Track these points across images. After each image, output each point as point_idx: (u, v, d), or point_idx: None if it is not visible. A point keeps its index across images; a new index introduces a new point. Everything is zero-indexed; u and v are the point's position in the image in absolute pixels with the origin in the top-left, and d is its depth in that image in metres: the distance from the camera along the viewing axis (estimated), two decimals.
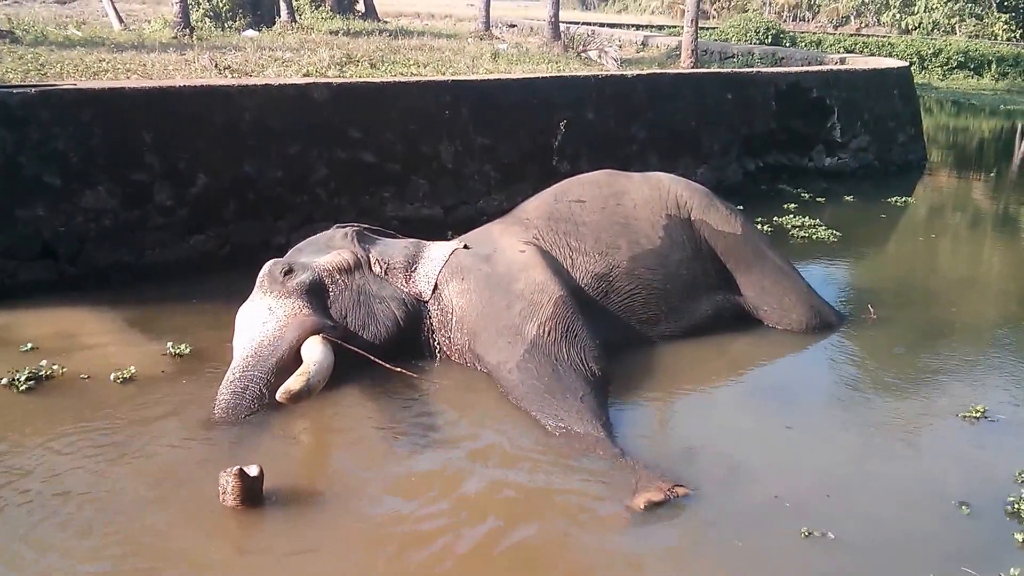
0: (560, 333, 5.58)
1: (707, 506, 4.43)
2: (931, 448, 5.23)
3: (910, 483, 4.80)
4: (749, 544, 4.18)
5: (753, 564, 4.06)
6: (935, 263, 9.61)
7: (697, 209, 6.63)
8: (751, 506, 4.48)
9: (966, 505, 4.54)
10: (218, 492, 4.25)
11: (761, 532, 4.28)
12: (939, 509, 4.54)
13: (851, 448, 5.15)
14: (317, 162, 8.21)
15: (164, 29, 15.73)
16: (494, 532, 4.22)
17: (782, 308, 6.64)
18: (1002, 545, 4.26)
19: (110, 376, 5.49)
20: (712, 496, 4.51)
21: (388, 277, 5.93)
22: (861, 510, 4.51)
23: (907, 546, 4.25)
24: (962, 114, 23.02)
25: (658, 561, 4.11)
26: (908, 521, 4.45)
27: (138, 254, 7.35)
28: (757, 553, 4.13)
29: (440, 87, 9.14)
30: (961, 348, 6.74)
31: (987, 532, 4.39)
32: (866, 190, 12.31)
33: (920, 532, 4.38)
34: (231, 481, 4.21)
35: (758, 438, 5.20)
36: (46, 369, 5.48)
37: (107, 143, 7.19)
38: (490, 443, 5.03)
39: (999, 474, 4.86)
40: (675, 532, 4.27)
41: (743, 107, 11.97)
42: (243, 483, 4.22)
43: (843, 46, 30.10)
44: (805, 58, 17.62)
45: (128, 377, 5.50)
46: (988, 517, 4.49)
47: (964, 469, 4.95)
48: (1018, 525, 4.39)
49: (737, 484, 4.67)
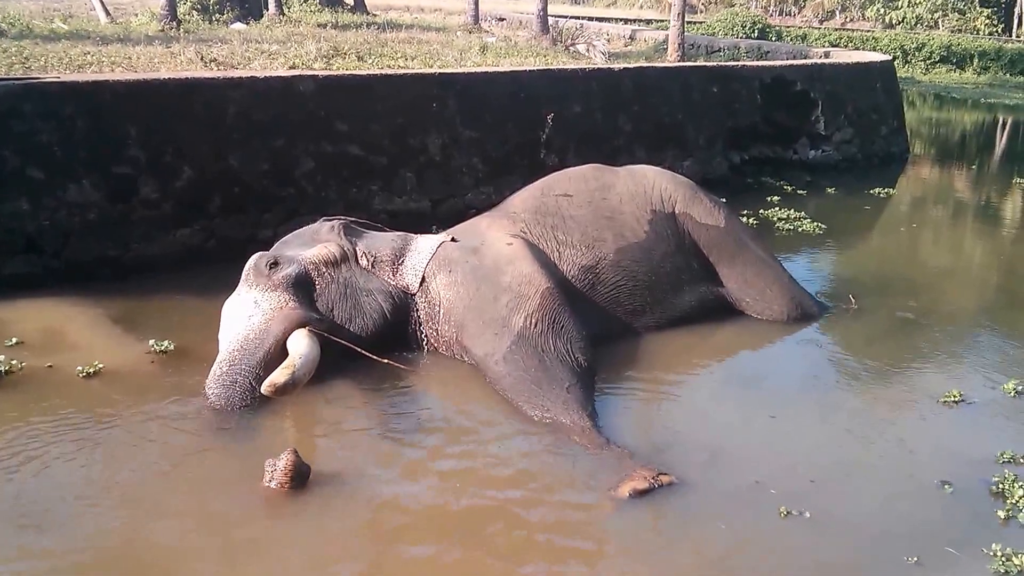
0: (547, 324, 5.62)
1: (691, 492, 4.48)
2: (912, 432, 5.30)
3: (893, 466, 4.88)
4: (733, 527, 4.24)
5: (737, 547, 4.12)
6: (916, 254, 9.71)
7: (681, 202, 6.67)
8: (735, 492, 4.53)
9: (948, 485, 4.64)
10: (266, 472, 4.37)
11: (745, 516, 4.33)
12: (922, 490, 4.64)
13: (833, 434, 5.23)
14: (303, 155, 8.21)
15: (151, 22, 15.64)
16: (481, 521, 4.25)
17: (764, 299, 6.70)
18: (985, 523, 4.36)
19: (76, 370, 5.49)
20: (696, 483, 4.55)
21: (375, 270, 5.94)
22: (846, 493, 4.59)
23: (893, 526, 4.33)
24: (944, 107, 23.17)
25: (642, 544, 4.14)
26: (892, 502, 4.53)
27: (123, 248, 7.34)
28: (741, 536, 4.19)
29: (428, 80, 9.15)
30: (940, 335, 6.82)
31: (970, 511, 4.48)
32: (849, 182, 12.40)
33: (905, 512, 4.46)
34: (285, 460, 4.33)
35: (741, 426, 5.26)
36: (4, 364, 5.43)
37: (91, 136, 7.17)
38: (477, 434, 5.06)
39: (979, 455, 4.97)
40: (660, 518, 4.30)
41: (728, 100, 12.03)
42: (296, 463, 4.34)
43: (828, 40, 30.28)
44: (790, 52, 17.70)
45: (93, 372, 5.50)
46: (970, 496, 4.59)
47: (945, 451, 5.04)
48: (1002, 504, 4.49)
49: (721, 471, 4.72)
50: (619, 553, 4.09)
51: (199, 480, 4.49)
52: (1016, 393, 5.75)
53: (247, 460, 4.64)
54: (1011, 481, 4.62)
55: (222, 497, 4.36)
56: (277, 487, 4.33)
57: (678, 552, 4.09)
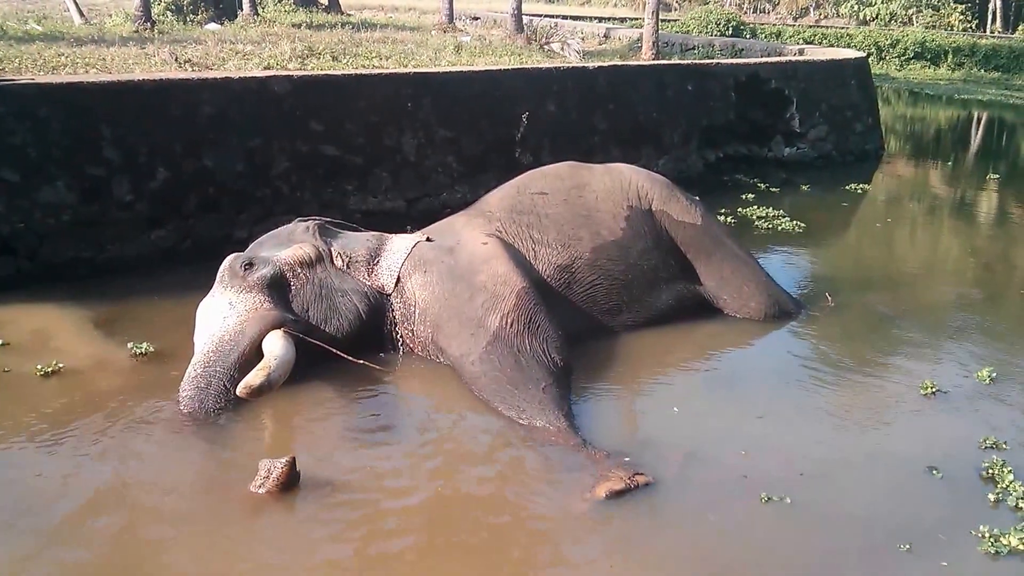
0: (522, 324, 5.62)
1: (669, 491, 4.50)
2: (895, 423, 5.39)
3: (880, 456, 4.97)
4: (716, 521, 4.30)
5: (724, 540, 4.17)
6: (891, 250, 9.78)
7: (658, 200, 6.69)
8: (716, 488, 4.58)
9: (937, 470, 4.78)
10: (259, 476, 4.36)
11: (729, 510, 4.39)
12: (912, 478, 4.75)
13: (816, 429, 5.28)
14: (279, 155, 8.18)
15: (125, 23, 15.56)
16: (458, 522, 4.26)
17: (741, 297, 6.73)
18: (976, 507, 4.49)
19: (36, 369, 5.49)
20: (670, 481, 4.57)
21: (350, 270, 5.94)
22: (834, 484, 4.68)
23: (883, 514, 4.42)
24: (919, 104, 23.33)
25: (621, 543, 4.15)
26: (882, 491, 4.63)
27: (98, 249, 7.29)
28: (726, 530, 4.25)
29: (402, 79, 9.13)
30: (915, 329, 6.90)
31: (959, 496, 4.60)
32: (824, 180, 12.48)
33: (895, 500, 4.56)
34: (280, 468, 4.34)
35: (720, 425, 5.27)
36: None
37: (65, 137, 7.13)
38: (453, 435, 5.07)
39: (962, 442, 5.13)
40: (638, 516, 4.32)
41: (703, 98, 12.07)
42: (291, 474, 4.36)
43: (802, 37, 30.40)
44: (764, 49, 17.78)
45: (51, 371, 5.49)
46: (959, 482, 4.73)
47: (929, 440, 5.17)
48: (992, 488, 4.63)
49: (699, 469, 4.74)
50: (599, 554, 4.09)
51: (180, 482, 4.47)
52: (991, 380, 5.90)
53: (224, 463, 4.64)
54: (1000, 466, 4.75)
55: (201, 499, 4.36)
56: (264, 493, 4.32)
57: (660, 549, 4.11)
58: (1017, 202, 12.33)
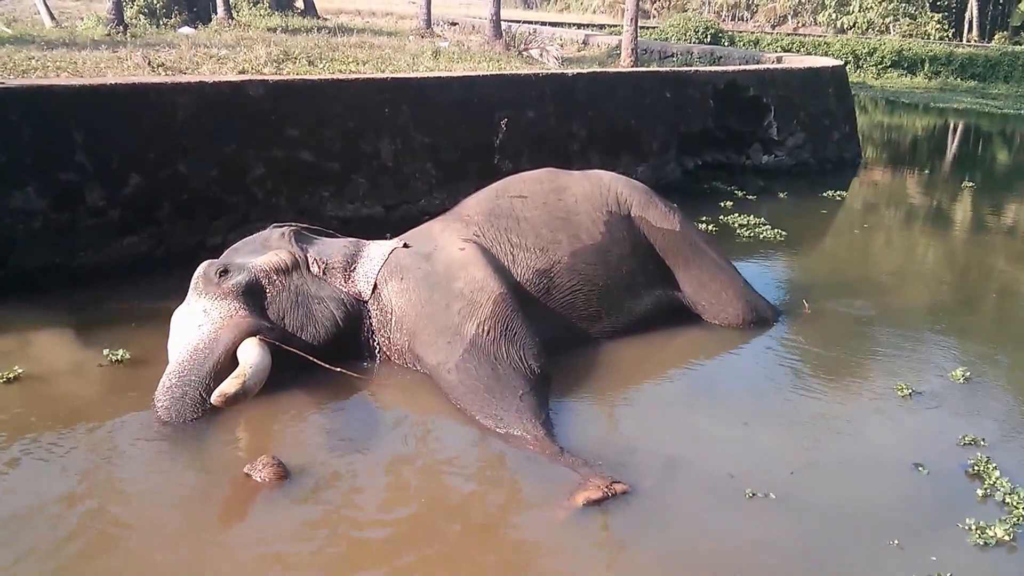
0: (500, 332, 5.57)
1: (648, 497, 4.47)
2: (875, 424, 5.42)
3: (863, 456, 5.01)
4: (700, 524, 4.31)
5: (712, 542, 4.16)
6: (868, 256, 9.82)
7: (637, 206, 6.67)
8: (700, 489, 4.58)
9: (922, 467, 4.84)
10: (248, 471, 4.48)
11: (713, 512, 4.38)
12: (897, 476, 4.81)
13: (798, 432, 5.28)
14: (254, 161, 8.10)
15: (97, 27, 15.45)
16: (434, 532, 4.20)
17: (720, 303, 6.72)
18: (963, 504, 4.54)
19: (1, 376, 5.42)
20: (650, 488, 4.54)
21: (327, 277, 5.87)
22: (820, 484, 4.70)
23: (871, 512, 4.45)
24: (896, 112, 23.52)
25: (599, 550, 4.12)
26: (868, 489, 4.67)
27: (70, 256, 7.19)
28: (712, 531, 4.24)
29: (380, 85, 9.08)
30: (891, 332, 6.94)
31: (945, 492, 4.67)
32: (801, 187, 12.52)
33: (882, 498, 4.59)
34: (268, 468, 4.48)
35: (699, 431, 5.25)
36: None
37: (36, 143, 7.02)
38: (430, 444, 5.02)
39: (942, 440, 5.23)
40: (617, 523, 4.29)
41: (682, 106, 12.09)
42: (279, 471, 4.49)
43: (780, 45, 30.64)
44: (743, 57, 17.85)
45: (14, 378, 5.42)
46: (944, 478, 4.80)
47: (911, 439, 5.25)
48: (979, 484, 4.69)
49: (681, 473, 4.73)
50: (577, 563, 4.05)
51: (155, 490, 4.41)
52: (965, 380, 6.00)
53: (199, 470, 4.59)
54: (984, 463, 4.83)
55: (178, 508, 4.28)
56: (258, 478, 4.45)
57: (640, 556, 4.08)
58: (991, 209, 12.42)
